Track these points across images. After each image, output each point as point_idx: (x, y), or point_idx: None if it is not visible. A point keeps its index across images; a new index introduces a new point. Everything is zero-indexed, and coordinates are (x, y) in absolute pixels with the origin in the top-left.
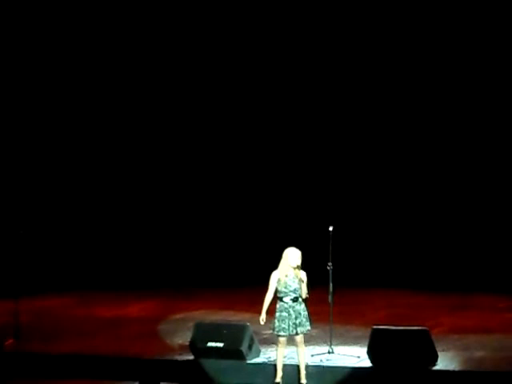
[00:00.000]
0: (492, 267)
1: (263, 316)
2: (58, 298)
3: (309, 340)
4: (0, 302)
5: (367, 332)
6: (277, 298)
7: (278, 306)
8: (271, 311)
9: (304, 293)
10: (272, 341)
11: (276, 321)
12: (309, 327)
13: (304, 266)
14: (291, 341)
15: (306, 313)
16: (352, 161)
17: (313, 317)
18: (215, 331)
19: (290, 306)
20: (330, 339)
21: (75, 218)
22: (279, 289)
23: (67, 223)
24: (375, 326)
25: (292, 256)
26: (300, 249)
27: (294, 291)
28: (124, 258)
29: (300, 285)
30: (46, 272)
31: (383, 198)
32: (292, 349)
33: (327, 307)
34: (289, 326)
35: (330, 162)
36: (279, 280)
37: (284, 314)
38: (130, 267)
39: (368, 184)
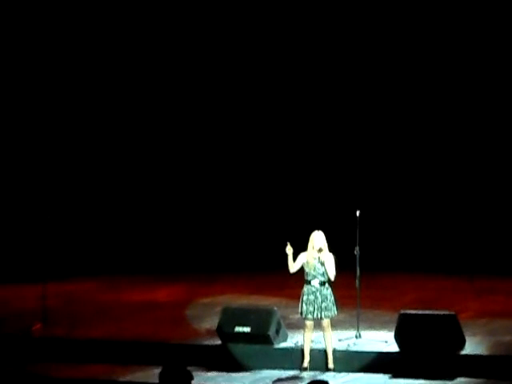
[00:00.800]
0: None
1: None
2: (86, 282)
3: (336, 324)
4: (28, 286)
5: (394, 317)
6: (304, 281)
7: (305, 289)
8: (297, 295)
9: (331, 274)
10: (299, 325)
11: (303, 304)
12: (335, 312)
13: (331, 251)
14: (318, 325)
15: (333, 298)
16: (379, 145)
17: (340, 301)
18: (242, 316)
19: (317, 290)
20: (358, 324)
21: (103, 203)
22: (307, 271)
23: (95, 208)
24: (403, 311)
25: (315, 239)
26: (327, 233)
27: (323, 275)
28: (152, 243)
29: (325, 267)
30: (74, 256)
31: (410, 182)
32: (319, 333)
33: (354, 292)
34: (315, 309)
35: (357, 147)
36: (308, 262)
37: (311, 297)
38: (157, 252)
39: (395, 168)
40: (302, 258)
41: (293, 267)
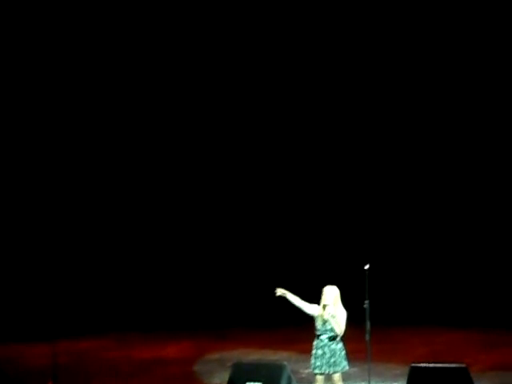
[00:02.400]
0: None
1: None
2: (96, 340)
3: (348, 378)
4: (39, 344)
5: (406, 370)
6: (315, 335)
7: (315, 343)
8: (308, 350)
9: (338, 330)
10: (310, 380)
11: (313, 358)
12: (346, 367)
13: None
14: (329, 380)
15: (344, 352)
16: (389, 200)
17: (351, 355)
18: (253, 371)
19: (325, 345)
20: (369, 377)
21: (112, 262)
22: (317, 326)
23: (104, 267)
24: (414, 364)
25: (324, 294)
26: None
27: (331, 330)
28: (161, 300)
29: (325, 321)
30: (84, 314)
31: (419, 236)
32: None
33: (365, 345)
34: (323, 364)
35: (367, 203)
36: (319, 316)
37: (319, 351)
38: (166, 308)
39: (404, 222)
40: (315, 310)
41: (299, 302)
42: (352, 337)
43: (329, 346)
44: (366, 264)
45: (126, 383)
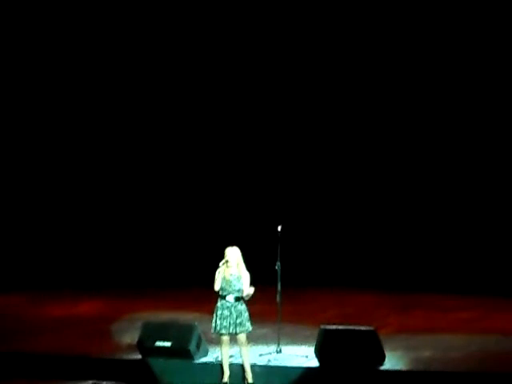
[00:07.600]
0: (439, 266)
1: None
2: (8, 296)
3: (257, 339)
4: None
5: (315, 331)
6: (218, 295)
7: (219, 304)
8: (211, 311)
9: (245, 292)
10: (220, 340)
11: (217, 319)
12: (250, 328)
13: (252, 266)
14: (235, 341)
15: (247, 313)
16: (299, 160)
17: (261, 316)
18: (163, 330)
19: (231, 305)
20: (279, 339)
21: (27, 216)
22: (223, 286)
23: (18, 221)
24: (323, 326)
25: (230, 254)
26: (248, 248)
27: (238, 291)
28: (75, 257)
29: (230, 282)
30: None
31: (331, 196)
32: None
33: (276, 307)
34: (229, 324)
35: (279, 163)
36: (224, 277)
37: (226, 312)
38: (80, 266)
39: (317, 182)
40: (221, 272)
41: (218, 284)
42: (263, 298)
43: (235, 307)
44: (278, 225)
45: (35, 340)
